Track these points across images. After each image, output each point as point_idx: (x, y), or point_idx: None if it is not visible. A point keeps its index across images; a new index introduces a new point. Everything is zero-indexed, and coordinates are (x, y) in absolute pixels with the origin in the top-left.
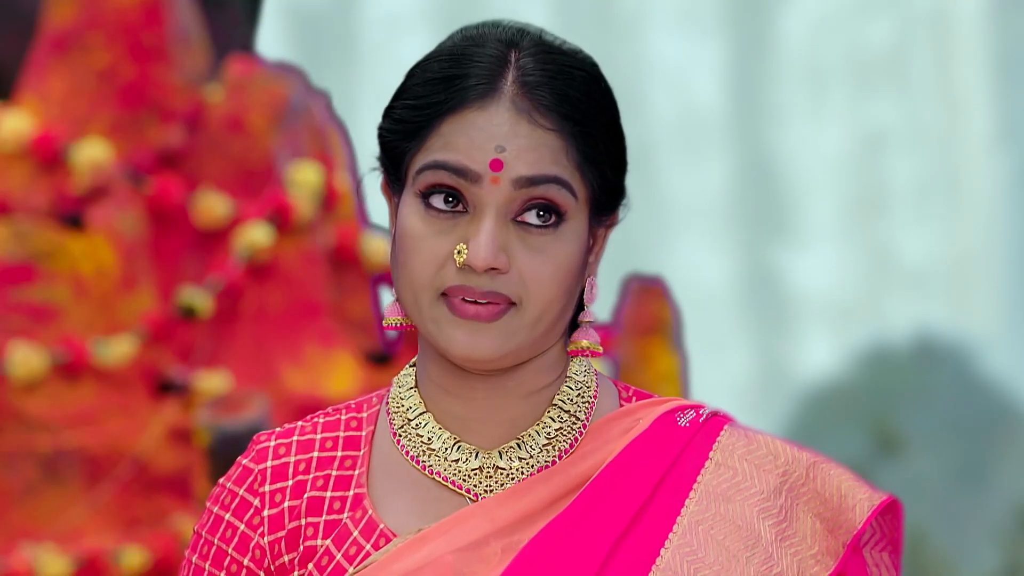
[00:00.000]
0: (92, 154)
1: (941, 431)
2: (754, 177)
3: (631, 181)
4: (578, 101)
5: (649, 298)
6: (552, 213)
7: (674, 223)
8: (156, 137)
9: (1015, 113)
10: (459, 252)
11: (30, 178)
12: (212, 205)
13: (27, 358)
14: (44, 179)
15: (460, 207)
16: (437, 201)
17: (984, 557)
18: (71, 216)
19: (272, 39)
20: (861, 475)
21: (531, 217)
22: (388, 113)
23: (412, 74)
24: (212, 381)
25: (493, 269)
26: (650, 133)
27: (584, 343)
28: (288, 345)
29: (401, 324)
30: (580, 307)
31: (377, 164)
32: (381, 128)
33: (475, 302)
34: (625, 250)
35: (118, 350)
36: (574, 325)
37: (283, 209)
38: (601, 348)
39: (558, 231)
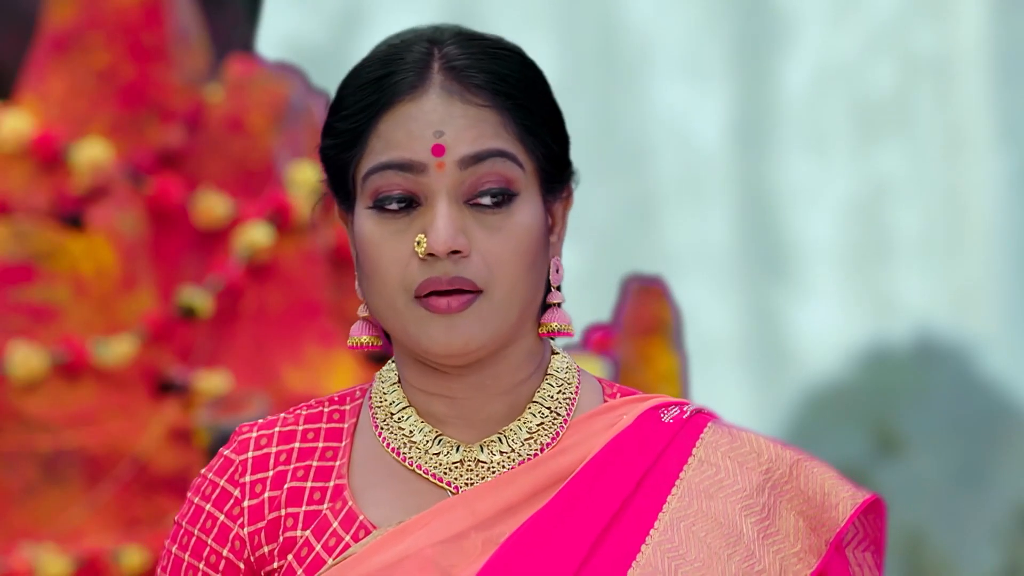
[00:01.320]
0: (92, 154)
1: (941, 431)
2: (757, 224)
3: (634, 226)
4: (508, 76)
5: (649, 298)
6: (503, 194)
7: (677, 270)
8: (156, 137)
9: (1015, 113)
10: (419, 243)
11: (30, 178)
12: (212, 205)
13: (27, 358)
14: (44, 179)
15: (412, 204)
16: (390, 205)
17: (984, 557)
18: (71, 216)
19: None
20: (861, 475)
21: (484, 199)
22: (326, 131)
23: (342, 86)
24: (212, 381)
25: (455, 253)
26: (654, 181)
27: (554, 325)
28: (288, 345)
29: (367, 344)
30: (548, 290)
31: (325, 190)
32: (322, 148)
33: (444, 293)
34: None
35: (118, 350)
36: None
37: (283, 209)
38: (572, 329)
39: (511, 207)
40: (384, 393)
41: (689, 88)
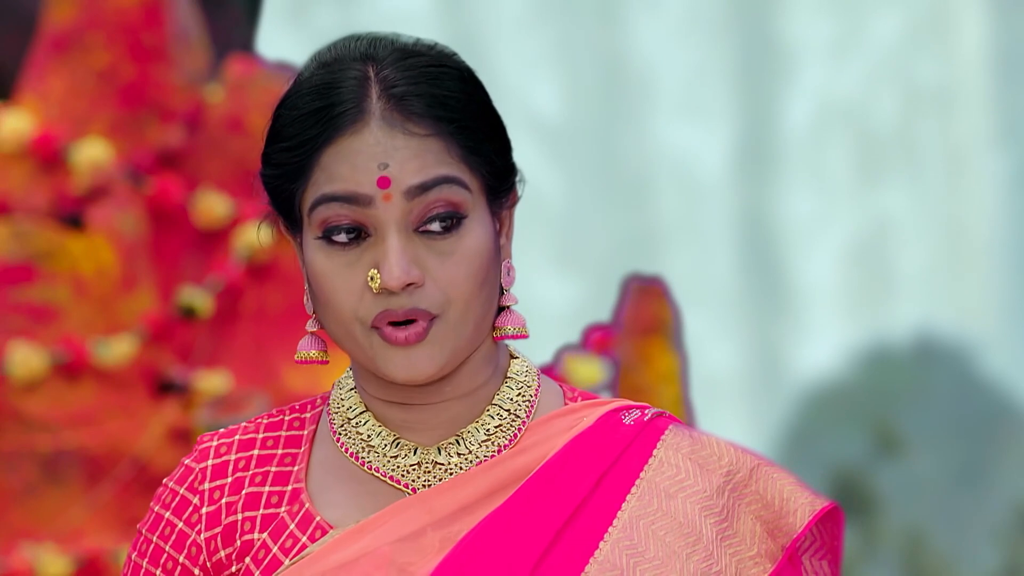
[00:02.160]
0: (92, 154)
1: (941, 431)
2: (760, 262)
3: (635, 260)
4: (447, 99)
5: (649, 298)
6: (451, 218)
7: (680, 307)
8: (156, 137)
9: (1015, 114)
10: (372, 278)
11: (30, 178)
12: (212, 205)
13: (27, 358)
14: (44, 179)
15: (361, 235)
16: (338, 236)
17: (984, 557)
18: (71, 216)
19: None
20: (861, 475)
21: (433, 226)
22: (266, 159)
23: (279, 115)
24: (212, 381)
25: (410, 284)
26: (656, 219)
27: (509, 329)
28: (288, 345)
29: (316, 359)
30: (500, 292)
31: (269, 210)
32: (264, 175)
33: (402, 323)
34: None
35: (118, 350)
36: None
37: None
38: (527, 331)
39: (461, 230)
40: (342, 399)
41: (691, 124)
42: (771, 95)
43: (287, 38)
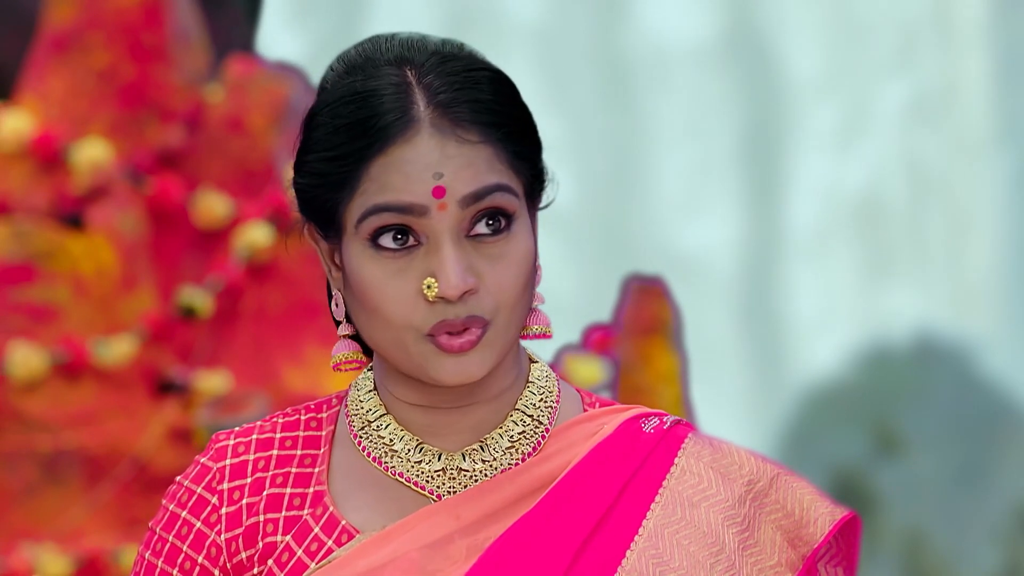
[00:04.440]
0: (92, 154)
1: (941, 431)
2: (766, 356)
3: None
4: (491, 104)
5: (649, 298)
6: (500, 217)
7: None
8: (156, 137)
9: (1015, 113)
10: (428, 287)
11: (30, 178)
12: (212, 205)
13: (27, 358)
14: (44, 179)
15: (411, 241)
16: (387, 241)
17: (984, 557)
18: (71, 216)
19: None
20: (861, 475)
21: (482, 228)
22: (302, 167)
23: (316, 124)
24: (212, 381)
25: (466, 292)
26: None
27: (536, 328)
28: (288, 345)
29: (352, 359)
30: None
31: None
32: (299, 183)
33: (459, 333)
34: None
35: (118, 350)
36: None
37: (283, 209)
38: (551, 331)
39: (511, 233)
40: (360, 401)
41: (697, 224)
42: (776, 193)
43: (287, 38)
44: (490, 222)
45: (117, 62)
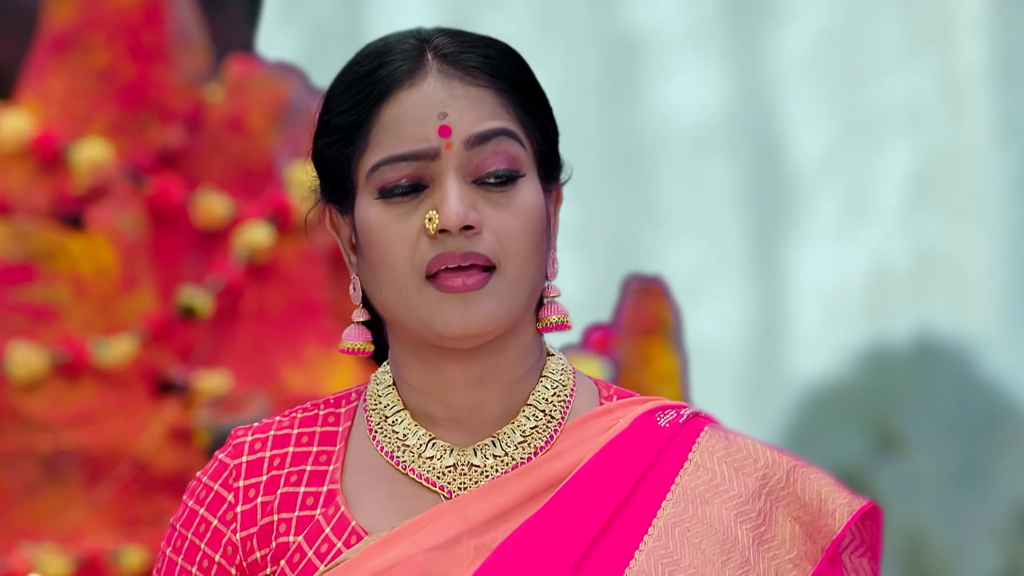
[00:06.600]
0: (92, 154)
1: (941, 431)
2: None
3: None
4: (502, 61)
5: (649, 298)
6: (509, 173)
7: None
8: (156, 137)
9: (1015, 113)
10: (430, 220)
11: (30, 178)
12: (212, 205)
13: (27, 358)
14: (44, 179)
15: (418, 188)
16: (397, 193)
17: (984, 557)
18: (71, 216)
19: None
20: (861, 475)
21: (490, 179)
22: (320, 129)
23: (334, 87)
24: (212, 381)
25: (467, 228)
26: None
27: (553, 318)
28: (288, 345)
29: (360, 349)
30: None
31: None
32: (317, 146)
33: (458, 268)
34: None
35: (118, 350)
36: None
37: (283, 209)
38: (570, 321)
39: (517, 186)
40: (379, 396)
41: (710, 283)
42: (784, 257)
43: (287, 38)
44: (498, 178)
45: (117, 62)
